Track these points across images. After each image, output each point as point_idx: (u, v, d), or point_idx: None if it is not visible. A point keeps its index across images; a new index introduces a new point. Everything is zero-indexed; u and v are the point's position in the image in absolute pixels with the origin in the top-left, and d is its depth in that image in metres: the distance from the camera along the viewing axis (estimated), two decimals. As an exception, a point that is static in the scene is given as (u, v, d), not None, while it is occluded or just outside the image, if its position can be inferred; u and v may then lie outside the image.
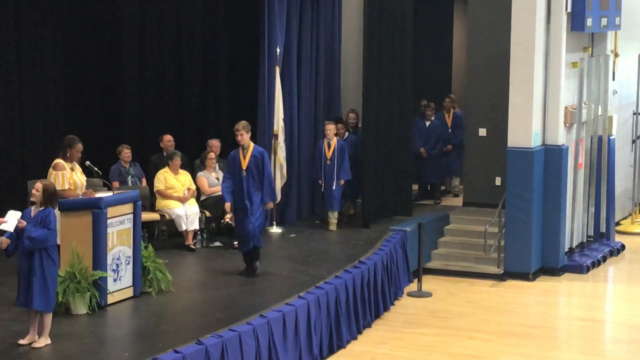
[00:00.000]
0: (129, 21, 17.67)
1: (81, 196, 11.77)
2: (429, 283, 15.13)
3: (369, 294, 13.24)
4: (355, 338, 12.67)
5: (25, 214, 10.06)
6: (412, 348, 12.42)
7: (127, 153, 15.17)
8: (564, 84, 15.80)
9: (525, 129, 15.44)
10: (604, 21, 16.35)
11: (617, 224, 18.49)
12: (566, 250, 16.19)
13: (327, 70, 17.26)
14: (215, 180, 15.02)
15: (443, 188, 18.85)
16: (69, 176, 11.74)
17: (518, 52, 15.44)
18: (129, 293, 11.80)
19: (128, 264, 11.82)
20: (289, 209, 16.28)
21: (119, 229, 11.70)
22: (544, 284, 15.50)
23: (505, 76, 15.72)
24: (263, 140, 15.65)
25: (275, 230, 15.70)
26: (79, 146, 11.95)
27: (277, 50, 15.50)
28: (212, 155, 15.16)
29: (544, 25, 15.56)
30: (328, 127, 15.83)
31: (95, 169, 12.48)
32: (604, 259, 16.72)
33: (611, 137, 17.43)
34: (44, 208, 10.03)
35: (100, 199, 11.49)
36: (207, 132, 16.82)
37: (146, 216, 13.84)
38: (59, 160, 11.80)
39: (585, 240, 16.92)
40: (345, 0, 17.69)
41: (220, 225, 14.86)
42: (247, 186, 12.85)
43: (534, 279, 15.60)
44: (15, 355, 9.71)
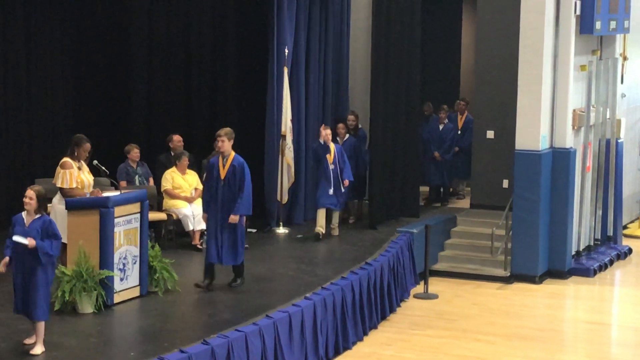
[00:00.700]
0: (138, 22, 17.69)
1: (88, 195, 11.77)
2: (436, 285, 15.12)
3: (375, 295, 13.24)
4: (361, 339, 12.67)
5: (17, 222, 9.79)
6: (418, 350, 12.42)
7: (137, 153, 15.19)
8: (572, 86, 15.78)
9: (533, 131, 15.43)
10: (613, 24, 16.33)
11: (624, 227, 18.46)
12: (573, 253, 16.18)
13: (335, 71, 17.27)
14: (223, 181, 15.03)
15: (451, 190, 18.85)
16: (76, 175, 11.75)
17: (526, 55, 15.43)
18: (135, 292, 11.81)
19: (135, 263, 11.83)
20: (295, 210, 16.29)
21: (126, 228, 11.72)
22: (551, 286, 15.48)
23: (513, 78, 15.71)
24: (271, 140, 15.69)
25: (281, 230, 15.71)
26: (87, 145, 11.95)
27: (286, 51, 15.51)
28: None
29: (552, 27, 15.55)
30: (327, 131, 15.38)
31: (103, 168, 12.49)
32: (611, 262, 16.69)
33: (619, 141, 17.41)
34: (39, 216, 9.78)
35: (108, 198, 11.51)
36: (215, 132, 16.78)
37: (153, 216, 13.85)
38: (66, 159, 11.82)
39: (592, 244, 16.90)
40: (353, 2, 17.70)
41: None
42: (223, 197, 12.22)
43: (540, 282, 15.58)
44: (23, 353, 9.72)
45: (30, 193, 9.77)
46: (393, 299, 13.90)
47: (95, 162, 12.20)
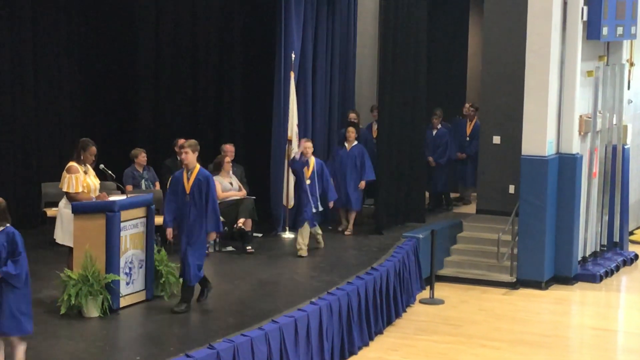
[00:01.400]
0: (145, 26, 17.72)
1: (95, 199, 11.78)
2: (441, 290, 15.11)
3: (381, 300, 13.23)
4: (366, 344, 12.66)
5: None
6: (423, 355, 12.41)
7: (144, 157, 15.22)
8: (579, 92, 15.77)
9: (540, 137, 15.42)
10: (620, 30, 16.32)
11: (630, 233, 18.43)
12: (579, 259, 16.16)
13: (341, 76, 17.29)
14: (229, 185, 15.04)
15: (457, 195, 18.82)
16: (82, 179, 11.75)
17: (533, 60, 15.42)
18: (141, 297, 11.81)
19: (141, 267, 11.84)
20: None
21: (132, 232, 11.72)
22: (557, 292, 15.46)
23: (520, 84, 15.71)
24: (277, 145, 15.69)
25: (287, 235, 15.70)
26: (93, 149, 11.95)
27: (292, 56, 15.53)
28: (227, 159, 15.18)
29: (559, 33, 15.54)
30: (306, 144, 14.77)
31: (109, 172, 12.49)
32: (617, 268, 16.67)
33: (626, 146, 17.39)
34: (2, 228, 9.10)
35: (114, 202, 11.51)
36: (221, 137, 16.84)
37: (159, 220, 13.83)
38: (72, 163, 11.82)
39: (598, 250, 16.88)
40: (360, 7, 17.72)
41: (233, 230, 14.87)
42: (189, 212, 11.52)
43: (546, 288, 15.56)
44: (27, 357, 9.71)
45: None
46: (399, 304, 13.89)
47: (101, 166, 12.20)
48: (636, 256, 17.34)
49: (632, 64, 18.05)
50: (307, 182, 14.57)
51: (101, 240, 11.30)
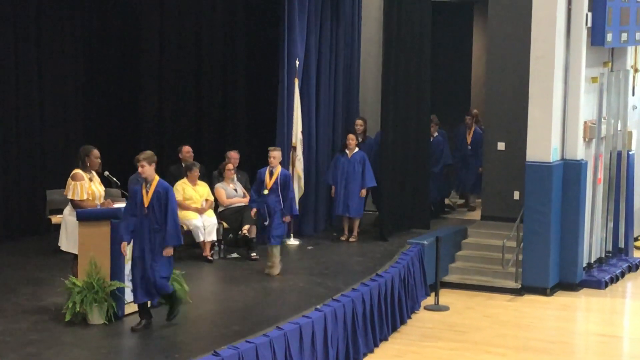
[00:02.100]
0: (149, 33, 17.74)
1: (99, 206, 11.78)
2: (446, 297, 15.09)
3: (386, 307, 13.22)
4: (371, 351, 12.65)
5: None
6: (428, 362, 12.42)
7: (146, 164, 15.18)
8: (583, 98, 15.76)
9: (544, 143, 15.41)
10: (624, 36, 16.32)
11: (635, 239, 18.40)
12: (584, 265, 16.14)
13: (345, 83, 17.29)
14: (233, 192, 15.05)
15: (454, 202, 18.78)
16: (87, 186, 11.76)
17: (537, 66, 15.42)
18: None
19: (145, 274, 11.82)
20: (306, 221, 16.28)
21: (137, 239, 11.71)
22: (562, 299, 15.44)
23: (524, 90, 15.70)
24: (281, 152, 15.67)
25: (292, 242, 15.70)
26: (96, 152, 11.95)
27: (297, 62, 15.53)
28: (230, 167, 15.18)
29: (563, 39, 15.54)
30: (274, 154, 14.00)
31: (114, 179, 12.50)
32: (622, 274, 16.65)
33: (630, 153, 17.38)
34: None
35: (119, 209, 11.50)
36: (225, 143, 16.85)
37: (164, 227, 13.84)
38: (77, 171, 11.83)
39: (603, 256, 16.86)
40: (364, 13, 17.73)
41: (238, 236, 14.87)
42: (149, 226, 10.97)
43: (551, 294, 15.54)
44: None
45: None
46: (404, 311, 13.88)
47: (106, 173, 12.21)
48: (641, 262, 17.34)
49: (636, 70, 18.04)
50: (265, 192, 13.83)
51: (106, 248, 11.29)
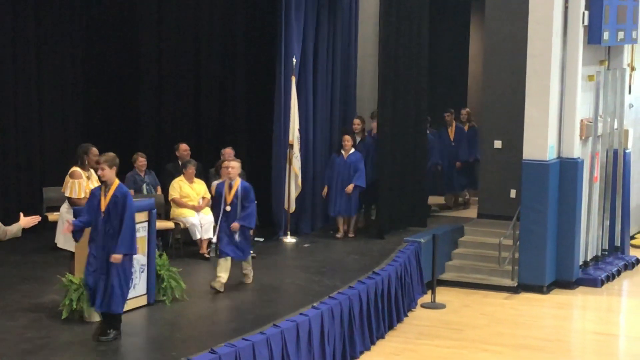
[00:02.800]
0: (147, 30, 17.73)
1: (97, 204, 11.77)
2: (443, 295, 15.10)
3: (382, 305, 13.23)
4: (368, 349, 12.66)
5: None
6: (425, 360, 12.43)
7: (142, 161, 15.22)
8: (580, 97, 15.78)
9: (541, 141, 15.43)
10: (621, 35, 16.33)
11: (632, 237, 18.42)
12: (581, 263, 16.15)
13: (343, 81, 17.30)
14: (230, 190, 15.03)
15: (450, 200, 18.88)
16: (85, 185, 11.77)
17: (534, 65, 15.43)
18: (143, 301, 11.82)
19: (142, 272, 11.84)
20: (303, 219, 16.29)
21: (134, 237, 11.72)
22: (558, 297, 15.46)
23: (521, 88, 15.71)
24: (278, 149, 15.70)
25: (289, 240, 15.71)
26: (94, 150, 11.96)
27: (294, 60, 15.54)
28: (225, 165, 15.16)
29: (560, 38, 15.55)
30: (232, 164, 12.98)
31: (111, 177, 12.48)
32: (619, 272, 16.67)
33: (627, 151, 17.39)
34: None
35: (116, 206, 11.51)
36: (223, 141, 16.82)
37: (161, 224, 13.87)
38: (75, 169, 11.83)
39: (599, 254, 16.88)
40: (362, 11, 17.72)
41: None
42: (105, 233, 10.55)
43: (548, 292, 15.56)
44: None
45: None
46: (400, 309, 13.89)
47: (103, 171, 12.18)
48: (637, 260, 17.33)
49: (633, 69, 18.06)
50: (228, 208, 12.76)
51: (103, 245, 11.28)
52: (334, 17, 16.87)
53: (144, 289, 11.84)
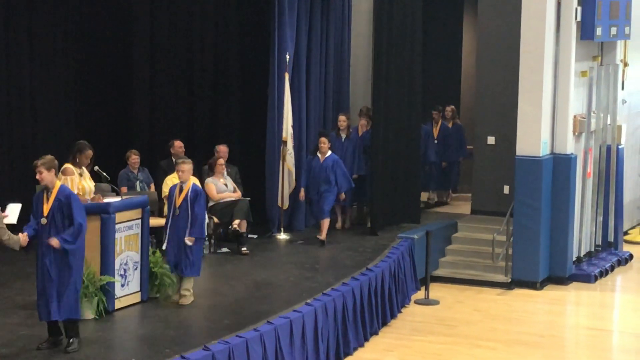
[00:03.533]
0: (141, 29, 17.70)
1: (89, 201, 11.77)
2: (437, 291, 15.12)
3: (376, 301, 13.24)
4: (362, 345, 12.67)
5: None
6: (419, 356, 12.41)
7: (135, 159, 15.21)
8: (573, 92, 15.79)
9: (534, 137, 15.44)
10: (614, 30, 16.34)
11: (625, 233, 18.46)
12: (574, 259, 16.17)
13: (336, 77, 17.30)
14: (223, 187, 15.03)
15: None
16: (77, 181, 11.75)
17: (527, 61, 15.44)
18: (136, 298, 11.81)
19: (136, 269, 11.83)
20: (297, 216, 16.29)
21: (127, 234, 11.72)
22: (552, 292, 15.48)
23: (514, 85, 15.72)
24: (272, 146, 15.69)
25: (282, 236, 15.71)
26: (89, 152, 11.94)
27: (287, 57, 15.53)
28: (221, 162, 15.16)
29: (553, 34, 15.56)
30: (182, 167, 12.17)
31: (104, 174, 12.48)
32: (612, 268, 16.69)
33: (620, 147, 17.41)
34: None
35: (109, 204, 11.51)
36: (217, 138, 16.83)
37: (154, 221, 13.82)
38: (68, 165, 11.81)
39: (593, 250, 16.90)
40: (355, 8, 17.73)
41: (228, 231, 14.87)
42: (48, 236, 9.94)
43: (541, 288, 15.58)
44: (24, 359, 9.72)
45: None
46: (394, 305, 13.90)
47: (96, 168, 12.20)
48: (631, 256, 17.36)
49: (625, 64, 18.07)
50: (177, 212, 12.04)
51: (96, 242, 11.29)
52: (327, 13, 16.87)
53: (137, 286, 11.84)
